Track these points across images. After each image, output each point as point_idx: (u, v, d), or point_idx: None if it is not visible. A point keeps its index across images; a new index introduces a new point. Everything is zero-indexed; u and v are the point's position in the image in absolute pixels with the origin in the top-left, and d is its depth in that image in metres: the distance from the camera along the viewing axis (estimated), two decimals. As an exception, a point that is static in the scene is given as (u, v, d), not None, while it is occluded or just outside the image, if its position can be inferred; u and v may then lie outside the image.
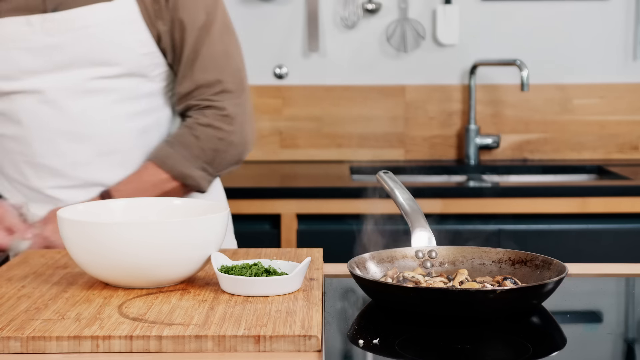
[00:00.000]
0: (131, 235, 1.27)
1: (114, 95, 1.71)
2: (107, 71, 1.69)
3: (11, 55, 1.67)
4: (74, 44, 1.67)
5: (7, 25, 1.67)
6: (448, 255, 1.40)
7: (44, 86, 1.68)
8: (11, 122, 1.73)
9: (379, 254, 1.38)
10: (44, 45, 1.67)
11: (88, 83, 1.69)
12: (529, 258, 1.34)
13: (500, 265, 1.36)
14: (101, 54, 1.68)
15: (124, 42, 1.69)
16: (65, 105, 1.69)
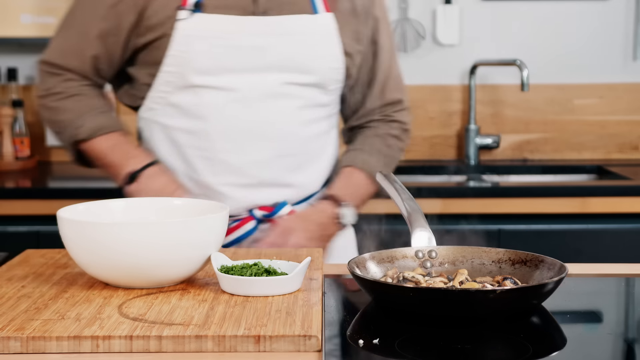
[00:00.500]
0: (131, 235, 1.27)
1: (299, 101, 1.76)
2: (299, 78, 1.74)
3: (214, 51, 1.69)
4: (277, 48, 1.71)
5: (215, 22, 1.69)
6: (448, 255, 1.40)
7: (238, 85, 1.71)
8: (192, 116, 1.73)
9: (379, 254, 1.38)
10: (248, 45, 1.69)
11: (280, 87, 1.73)
12: (529, 258, 1.34)
13: (500, 265, 1.36)
14: (299, 62, 1.73)
15: (320, 54, 1.75)
16: (256, 106, 1.72)
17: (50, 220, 2.57)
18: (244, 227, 1.77)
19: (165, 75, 1.72)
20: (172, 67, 1.71)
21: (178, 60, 1.70)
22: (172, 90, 1.73)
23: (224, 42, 1.69)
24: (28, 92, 3.16)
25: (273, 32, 1.70)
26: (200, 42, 1.68)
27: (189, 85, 1.72)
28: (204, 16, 1.68)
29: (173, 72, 1.71)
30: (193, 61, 1.69)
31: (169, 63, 1.71)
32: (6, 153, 3.01)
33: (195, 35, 1.68)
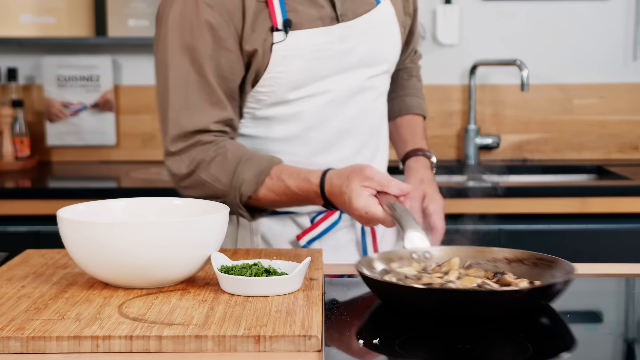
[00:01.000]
0: (130, 235, 1.27)
1: (375, 92, 1.80)
2: (377, 70, 1.78)
3: (309, 65, 1.69)
4: (361, 47, 1.74)
5: (308, 37, 1.68)
6: (443, 256, 1.40)
7: (330, 88, 1.72)
8: (287, 124, 1.72)
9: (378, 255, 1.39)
10: (338, 51, 1.71)
11: (363, 82, 1.76)
12: (525, 256, 1.34)
13: (496, 264, 1.36)
14: (378, 54, 1.78)
15: (389, 42, 1.80)
16: (346, 104, 1.74)
17: (50, 220, 2.57)
18: (330, 219, 1.77)
19: (257, 95, 1.69)
20: (266, 88, 1.68)
21: (273, 81, 1.67)
22: (261, 107, 1.72)
23: (318, 54, 1.69)
24: (28, 92, 3.16)
25: (354, 34, 1.73)
26: (297, 60, 1.67)
27: (283, 101, 1.70)
28: (297, 33, 1.66)
29: (267, 92, 1.69)
30: (289, 78, 1.68)
31: (262, 84, 1.68)
32: (6, 153, 3.01)
33: (292, 54, 1.66)
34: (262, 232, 1.77)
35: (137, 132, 3.18)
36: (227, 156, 1.63)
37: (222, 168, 1.63)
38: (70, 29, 3.08)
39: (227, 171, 1.63)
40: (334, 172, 1.60)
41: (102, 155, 3.19)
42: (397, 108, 1.95)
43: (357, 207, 1.52)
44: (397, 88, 1.97)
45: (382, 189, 1.52)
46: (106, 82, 3.14)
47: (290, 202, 1.66)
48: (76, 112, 3.16)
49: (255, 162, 1.64)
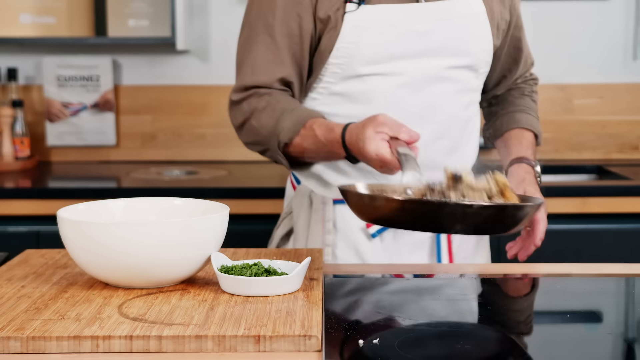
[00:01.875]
0: (130, 235, 1.27)
1: (457, 85, 1.79)
2: (457, 61, 1.77)
3: (381, 40, 1.71)
4: (438, 33, 1.74)
5: (382, 12, 1.71)
6: None
7: (403, 70, 1.73)
8: (356, 102, 1.75)
9: (370, 186, 1.45)
10: (413, 32, 1.72)
11: (441, 71, 1.76)
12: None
13: None
14: (457, 45, 1.77)
15: (475, 36, 1.79)
16: (421, 89, 1.75)
17: (50, 220, 2.57)
18: None
19: (332, 67, 1.74)
20: (340, 59, 1.73)
21: (346, 52, 1.72)
22: (337, 80, 1.76)
23: (391, 30, 1.71)
24: (28, 92, 3.16)
25: (434, 18, 1.73)
26: (369, 33, 1.71)
27: (356, 75, 1.74)
28: (370, 7, 1.71)
29: (340, 63, 1.73)
30: (361, 52, 1.71)
31: (336, 55, 1.73)
32: (6, 153, 3.01)
33: (364, 26, 1.71)
34: (334, 219, 1.80)
35: (137, 132, 3.18)
36: (275, 107, 1.74)
37: (270, 117, 1.73)
38: (70, 29, 3.08)
39: (273, 119, 1.73)
40: (354, 123, 1.65)
41: (102, 155, 3.19)
42: (505, 123, 1.94)
43: (369, 150, 1.56)
44: (507, 105, 1.97)
45: (394, 134, 1.56)
46: (106, 82, 3.14)
47: (318, 152, 1.72)
48: (76, 112, 3.16)
49: (297, 113, 1.73)
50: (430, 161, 1.73)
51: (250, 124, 1.76)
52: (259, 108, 1.75)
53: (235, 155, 3.16)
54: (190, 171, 2.96)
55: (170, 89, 3.18)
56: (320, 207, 1.81)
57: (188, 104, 3.18)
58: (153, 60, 3.18)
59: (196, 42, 3.16)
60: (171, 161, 3.17)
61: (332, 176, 1.81)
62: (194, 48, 3.16)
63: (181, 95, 3.18)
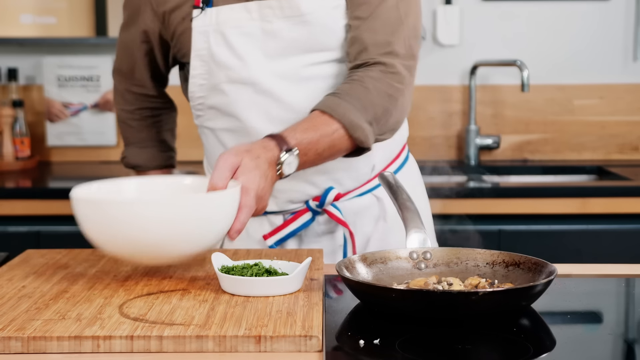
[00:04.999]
0: (146, 212, 1.27)
1: (329, 81, 1.69)
2: (321, 57, 1.68)
3: (228, 42, 1.67)
4: (288, 31, 1.66)
5: (223, 13, 1.67)
6: (442, 256, 1.40)
7: (259, 76, 1.67)
8: (229, 115, 1.72)
9: (372, 254, 1.38)
10: (261, 31, 1.66)
11: (304, 70, 1.67)
12: (522, 260, 1.34)
13: (494, 267, 1.36)
14: (316, 40, 1.67)
15: (335, 27, 1.67)
16: (285, 95, 1.67)
17: (51, 220, 2.59)
18: (300, 220, 1.74)
19: (196, 79, 1.72)
20: (199, 69, 1.70)
21: (202, 60, 1.70)
22: (206, 93, 1.73)
23: (236, 30, 1.66)
24: (28, 92, 3.16)
25: (279, 15, 1.66)
26: (216, 35, 1.67)
27: (217, 83, 1.70)
28: (214, 9, 1.67)
29: (202, 73, 1.71)
30: (214, 56, 1.68)
31: (195, 65, 1.70)
32: (6, 153, 3.01)
33: (210, 29, 1.67)
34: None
35: (138, 132, 3.18)
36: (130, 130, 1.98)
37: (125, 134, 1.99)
38: (70, 29, 3.08)
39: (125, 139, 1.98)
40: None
41: (102, 155, 3.19)
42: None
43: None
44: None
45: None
46: (106, 82, 3.14)
47: None
48: (76, 112, 3.16)
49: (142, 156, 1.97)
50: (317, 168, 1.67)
51: (118, 123, 1.97)
52: (120, 117, 1.96)
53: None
54: (190, 171, 2.96)
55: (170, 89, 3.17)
56: None
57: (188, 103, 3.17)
58: (153, 60, 3.17)
59: (196, 42, 3.16)
60: (171, 161, 3.16)
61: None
62: (194, 48, 3.16)
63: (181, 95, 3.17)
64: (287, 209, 1.75)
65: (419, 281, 1.30)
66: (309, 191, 1.74)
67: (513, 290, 1.20)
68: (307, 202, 1.75)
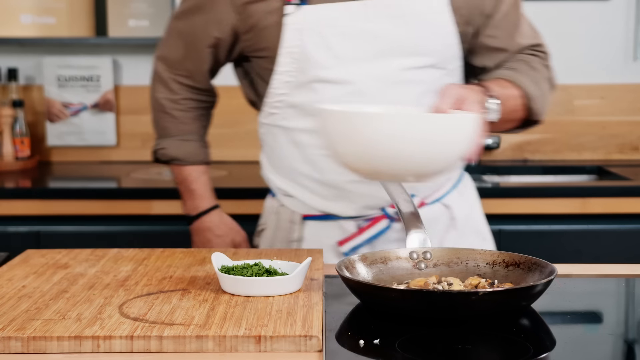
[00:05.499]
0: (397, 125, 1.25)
1: (422, 86, 1.68)
2: (418, 61, 1.66)
3: (326, 42, 1.64)
4: (388, 32, 1.64)
5: (322, 11, 1.64)
6: (442, 256, 1.40)
7: (355, 77, 1.65)
8: (309, 116, 1.67)
9: (373, 254, 1.38)
10: (361, 32, 1.63)
11: (400, 74, 1.66)
12: (522, 260, 1.34)
13: (494, 267, 1.36)
14: (412, 44, 1.66)
15: (433, 33, 1.67)
16: (376, 96, 1.65)
17: (51, 220, 2.59)
18: (376, 226, 1.72)
19: (282, 76, 1.68)
20: (288, 66, 1.67)
21: (292, 57, 1.66)
22: (290, 90, 1.69)
23: (336, 30, 1.63)
24: (28, 92, 3.16)
25: (384, 15, 1.63)
26: (312, 35, 1.63)
27: (308, 82, 1.67)
28: (312, 7, 1.63)
29: (290, 71, 1.67)
30: (307, 56, 1.64)
31: (283, 62, 1.67)
32: (6, 153, 3.01)
33: (306, 28, 1.63)
34: (301, 237, 1.75)
35: (137, 132, 3.18)
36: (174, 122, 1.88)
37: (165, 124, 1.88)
38: (70, 29, 3.08)
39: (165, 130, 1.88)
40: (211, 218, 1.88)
41: (102, 156, 3.19)
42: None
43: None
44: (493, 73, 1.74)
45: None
46: (106, 82, 3.14)
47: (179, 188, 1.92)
48: (76, 112, 3.16)
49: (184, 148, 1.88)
50: None
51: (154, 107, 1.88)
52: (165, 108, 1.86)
53: (235, 155, 3.16)
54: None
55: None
56: (287, 225, 1.77)
57: (188, 104, 3.17)
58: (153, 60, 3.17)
59: (196, 42, 3.16)
60: (171, 161, 3.16)
61: (299, 192, 1.76)
62: (194, 48, 3.16)
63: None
64: (363, 214, 1.72)
65: (419, 281, 1.30)
66: (388, 197, 1.69)
67: (513, 290, 1.20)
68: (384, 208, 1.72)
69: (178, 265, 1.47)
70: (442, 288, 1.27)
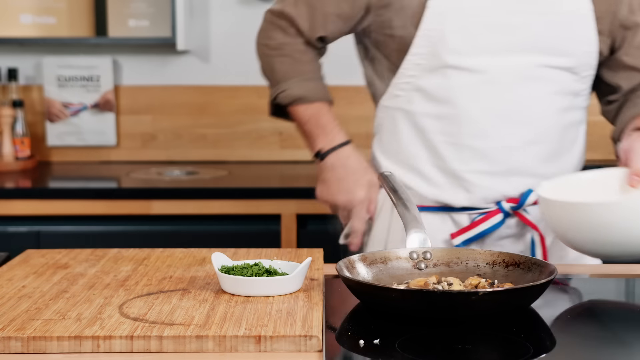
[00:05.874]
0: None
1: (553, 86, 1.67)
2: (554, 61, 1.66)
3: (468, 30, 1.62)
4: (531, 28, 1.63)
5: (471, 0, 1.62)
6: (442, 256, 1.40)
7: (490, 67, 1.64)
8: (440, 101, 1.67)
9: (372, 254, 1.38)
10: (503, 24, 1.62)
11: (534, 70, 1.65)
12: (522, 260, 1.34)
13: (494, 267, 1.36)
14: (553, 43, 1.65)
15: (576, 36, 1.66)
16: (508, 89, 1.64)
17: (51, 220, 2.59)
18: (491, 221, 1.69)
19: (415, 58, 1.66)
20: (422, 49, 1.64)
21: (429, 40, 1.63)
22: (420, 73, 1.67)
23: (479, 19, 1.62)
24: (28, 92, 3.16)
25: (528, 11, 1.63)
26: (454, 20, 1.62)
27: (440, 67, 1.65)
28: None
29: (423, 53, 1.65)
30: (445, 41, 1.62)
31: (419, 44, 1.64)
32: (6, 153, 3.01)
33: (449, 13, 1.62)
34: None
35: (137, 132, 3.18)
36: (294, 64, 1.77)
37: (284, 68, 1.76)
38: (70, 29, 3.08)
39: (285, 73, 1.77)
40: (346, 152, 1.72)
41: (102, 156, 3.19)
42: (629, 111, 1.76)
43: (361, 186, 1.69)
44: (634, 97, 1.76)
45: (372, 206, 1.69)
46: (106, 82, 3.14)
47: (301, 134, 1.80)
48: (76, 112, 3.16)
49: (308, 86, 1.75)
50: (523, 167, 1.68)
51: (269, 55, 1.79)
52: (283, 51, 1.76)
53: (236, 155, 3.16)
54: (190, 171, 2.96)
55: (170, 89, 3.18)
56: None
57: (188, 104, 3.18)
58: (153, 60, 3.18)
59: (196, 42, 3.16)
60: (171, 161, 3.17)
61: (413, 180, 1.72)
62: (194, 48, 3.16)
63: (181, 95, 3.18)
64: (478, 206, 1.70)
65: (419, 281, 1.30)
66: (507, 191, 1.69)
67: (513, 290, 1.20)
68: (500, 202, 1.70)
69: (178, 265, 1.47)
70: (442, 288, 1.27)
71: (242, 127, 3.16)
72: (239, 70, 3.14)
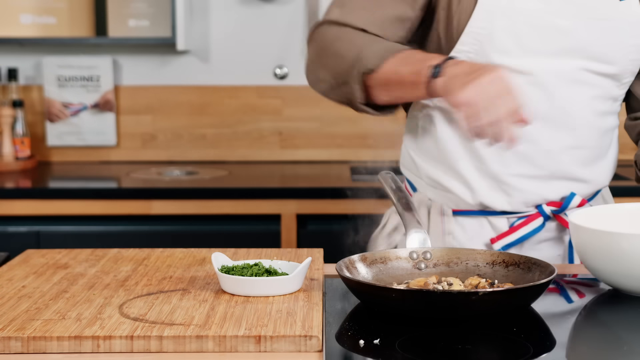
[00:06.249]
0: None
1: (595, 91, 1.66)
2: (598, 67, 1.64)
3: (516, 30, 1.60)
4: (580, 32, 1.61)
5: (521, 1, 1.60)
6: (442, 256, 1.40)
7: (535, 68, 1.61)
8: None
9: (372, 254, 1.38)
10: (552, 26, 1.60)
11: (578, 74, 1.63)
12: (522, 260, 1.34)
13: (494, 267, 1.36)
14: (600, 49, 1.63)
15: (623, 43, 1.65)
16: (551, 92, 1.62)
17: (51, 220, 2.59)
18: (531, 225, 1.66)
19: (459, 55, 1.61)
20: (468, 46, 1.61)
21: (476, 38, 1.60)
22: None
23: (528, 20, 1.59)
24: (28, 92, 3.16)
25: (578, 15, 1.60)
26: (503, 19, 1.59)
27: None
28: None
29: (468, 51, 1.61)
30: (493, 39, 1.59)
31: (465, 41, 1.61)
32: (6, 153, 3.01)
33: (498, 11, 1.59)
34: (455, 232, 1.67)
35: (137, 132, 3.18)
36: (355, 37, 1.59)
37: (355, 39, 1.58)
38: (70, 29, 3.08)
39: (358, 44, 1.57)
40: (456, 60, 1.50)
41: (102, 156, 3.19)
42: None
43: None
44: None
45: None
46: (106, 82, 3.14)
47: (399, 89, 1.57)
48: (76, 112, 3.16)
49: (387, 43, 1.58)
50: (563, 171, 1.66)
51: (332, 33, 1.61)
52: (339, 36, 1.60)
53: (236, 155, 3.16)
54: (190, 171, 2.96)
55: (170, 89, 3.18)
56: (438, 218, 1.69)
57: (188, 104, 3.18)
58: (153, 60, 3.18)
59: (196, 42, 3.16)
60: (171, 161, 3.17)
61: (451, 183, 1.67)
62: (194, 48, 3.16)
63: (181, 95, 3.18)
64: (518, 210, 1.67)
65: (419, 281, 1.30)
66: (547, 195, 1.67)
67: (513, 290, 1.20)
68: (540, 206, 1.68)
69: (178, 265, 1.47)
70: (442, 288, 1.27)
71: (242, 127, 3.16)
72: (239, 70, 3.14)
